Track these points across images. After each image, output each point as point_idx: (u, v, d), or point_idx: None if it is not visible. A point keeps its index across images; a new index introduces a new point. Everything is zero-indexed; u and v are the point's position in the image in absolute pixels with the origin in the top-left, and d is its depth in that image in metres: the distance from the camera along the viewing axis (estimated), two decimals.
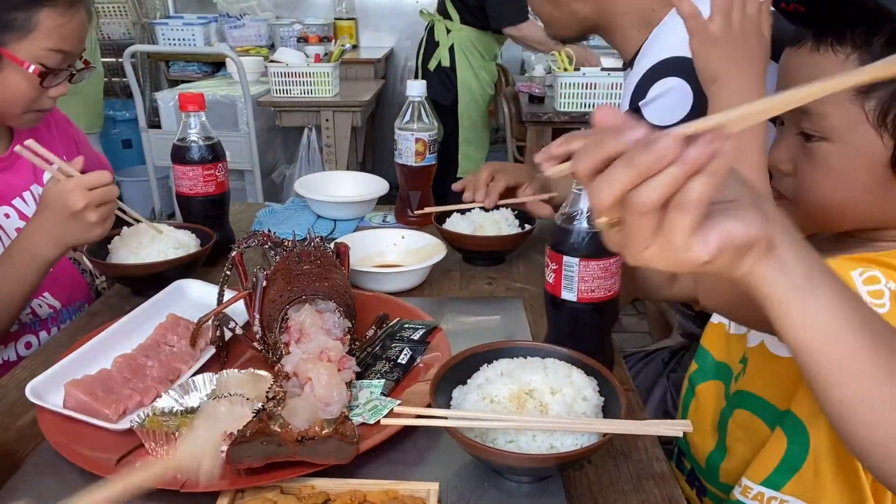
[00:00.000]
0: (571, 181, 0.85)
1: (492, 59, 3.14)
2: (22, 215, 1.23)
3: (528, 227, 1.25)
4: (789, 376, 0.77)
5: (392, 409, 0.78)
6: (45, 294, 1.23)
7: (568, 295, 0.86)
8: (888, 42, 0.65)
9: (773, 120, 0.85)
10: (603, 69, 3.03)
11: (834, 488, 0.73)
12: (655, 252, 0.47)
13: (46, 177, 1.27)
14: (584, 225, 0.83)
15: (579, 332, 0.89)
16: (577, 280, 0.84)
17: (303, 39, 4.01)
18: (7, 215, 1.22)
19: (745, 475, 0.82)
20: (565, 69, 3.00)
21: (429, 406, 0.74)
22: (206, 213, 1.26)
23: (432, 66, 3.11)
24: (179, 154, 1.24)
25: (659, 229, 0.46)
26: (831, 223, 0.77)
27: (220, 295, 0.97)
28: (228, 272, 0.97)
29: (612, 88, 2.98)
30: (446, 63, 3.05)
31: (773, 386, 0.82)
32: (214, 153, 1.24)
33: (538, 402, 0.73)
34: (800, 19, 0.75)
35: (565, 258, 0.84)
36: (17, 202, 1.23)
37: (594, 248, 0.83)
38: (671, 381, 1.27)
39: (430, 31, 3.18)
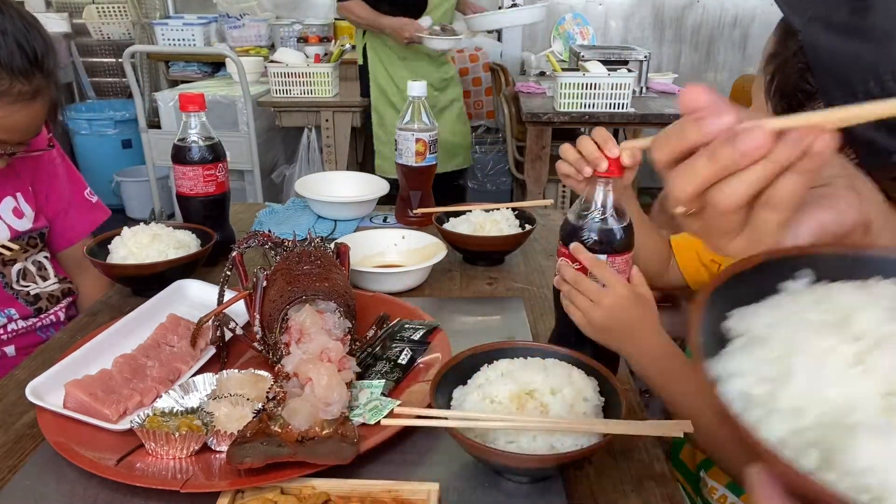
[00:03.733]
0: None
1: (418, 58, 2.95)
2: None
3: (528, 227, 1.25)
4: None
5: (392, 410, 0.78)
6: None
7: None
8: (808, 21, 0.65)
9: None
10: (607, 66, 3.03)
11: None
12: (742, 245, 0.44)
13: (5, 204, 1.25)
14: (610, 221, 0.83)
15: None
16: None
17: (303, 39, 4.00)
18: None
19: (710, 476, 0.84)
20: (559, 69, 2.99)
21: (429, 406, 0.74)
22: (206, 213, 1.26)
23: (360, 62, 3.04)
24: (180, 154, 1.23)
25: (745, 224, 0.43)
26: None
27: (221, 295, 0.97)
28: (228, 272, 0.97)
29: (612, 89, 2.98)
30: (360, 61, 3.00)
31: None
32: (215, 153, 1.24)
33: (538, 403, 0.73)
34: None
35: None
36: None
37: (619, 243, 0.83)
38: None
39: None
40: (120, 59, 3.64)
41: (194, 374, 0.88)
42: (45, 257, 1.32)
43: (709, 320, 0.38)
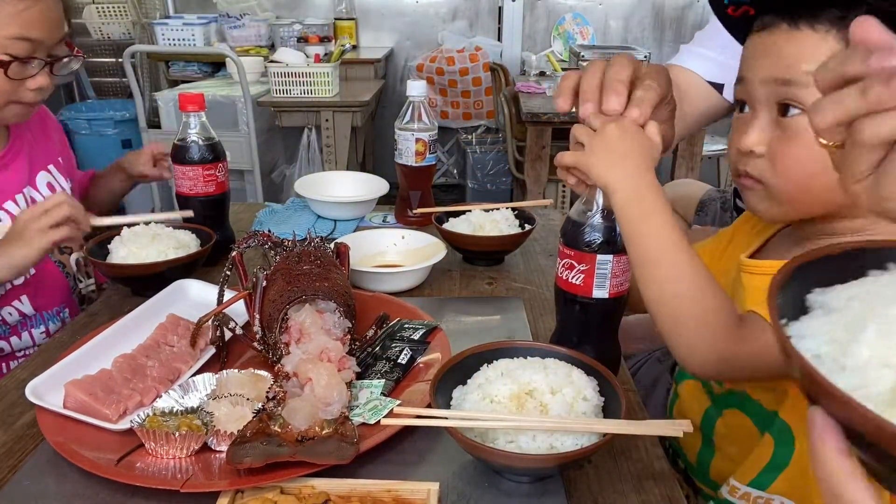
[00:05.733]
0: None
1: None
2: (13, 217, 1.19)
3: (527, 227, 1.25)
4: (779, 381, 0.78)
5: (392, 410, 0.78)
6: (22, 298, 1.22)
7: (600, 293, 0.83)
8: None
9: (734, 107, 0.84)
10: None
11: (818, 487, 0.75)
12: (865, 188, 0.44)
13: (40, 179, 1.26)
14: (613, 221, 0.80)
15: (604, 329, 0.88)
16: (609, 277, 0.82)
17: (303, 39, 4.01)
18: None
19: (733, 476, 0.83)
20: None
21: (429, 406, 0.74)
22: (206, 213, 1.26)
23: None
24: (179, 154, 1.23)
25: (879, 166, 0.43)
26: (800, 203, 0.77)
27: (220, 295, 0.97)
28: (228, 272, 0.97)
29: None
30: None
31: (764, 389, 0.83)
32: (215, 153, 1.24)
33: (538, 402, 0.73)
34: (744, 22, 0.77)
35: (599, 257, 0.81)
36: (8, 205, 1.22)
37: (623, 243, 0.79)
38: (672, 380, 1.27)
39: None
40: (120, 59, 3.64)
41: (194, 374, 0.88)
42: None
43: (790, 289, 0.40)
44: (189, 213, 1.23)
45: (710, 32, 1.21)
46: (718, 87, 1.20)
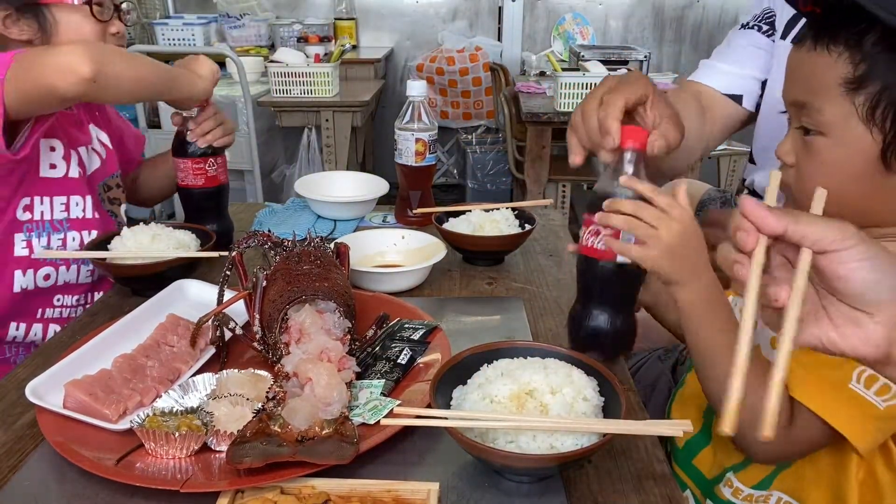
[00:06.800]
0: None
1: None
2: (81, 164, 1.28)
3: (527, 227, 1.25)
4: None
5: (392, 410, 0.78)
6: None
7: (623, 258, 0.83)
8: (878, 41, 0.66)
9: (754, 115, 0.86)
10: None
11: (816, 489, 0.80)
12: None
13: (95, 137, 1.35)
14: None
15: (625, 297, 0.89)
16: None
17: (303, 39, 4.01)
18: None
19: (736, 477, 0.86)
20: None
21: (429, 406, 0.74)
22: (204, 206, 1.31)
23: None
24: (180, 147, 1.28)
25: None
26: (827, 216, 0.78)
27: (220, 295, 0.97)
28: (228, 272, 0.97)
29: None
30: None
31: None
32: (212, 146, 1.29)
33: (538, 402, 0.73)
34: (815, 20, 0.76)
35: None
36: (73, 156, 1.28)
37: None
38: (672, 379, 1.27)
39: None
40: None
41: (194, 374, 0.88)
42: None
43: None
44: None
45: (725, 49, 1.30)
46: (737, 98, 1.27)
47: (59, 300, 1.26)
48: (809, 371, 0.74)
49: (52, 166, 1.23)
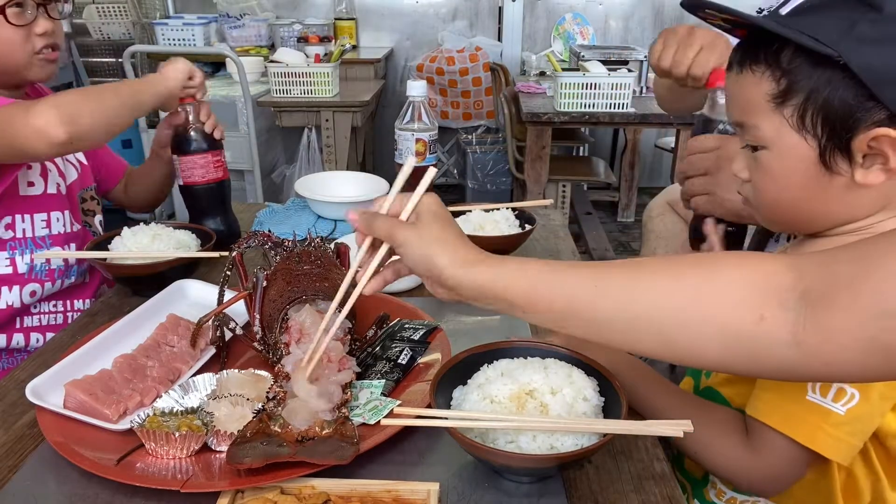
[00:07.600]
0: None
1: None
2: (61, 174, 1.28)
3: (528, 227, 1.25)
4: (748, 379, 0.81)
5: (392, 410, 0.78)
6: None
7: None
8: (793, 56, 0.69)
9: None
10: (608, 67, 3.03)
11: (800, 492, 0.80)
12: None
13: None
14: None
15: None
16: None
17: (303, 39, 4.01)
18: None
19: (723, 482, 0.88)
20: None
21: (429, 406, 0.74)
22: (207, 203, 1.31)
23: None
24: (181, 144, 1.29)
25: None
26: (790, 224, 0.82)
27: (221, 295, 0.97)
28: (228, 272, 0.97)
29: (612, 89, 2.98)
30: None
31: (735, 384, 0.86)
32: (210, 141, 1.29)
33: (538, 403, 0.73)
34: (742, 44, 0.80)
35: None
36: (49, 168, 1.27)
37: None
38: (672, 379, 1.27)
39: None
40: (120, 59, 3.63)
41: (194, 374, 0.88)
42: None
43: None
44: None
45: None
46: None
47: (35, 308, 1.26)
48: (767, 389, 0.76)
49: (31, 184, 1.22)
